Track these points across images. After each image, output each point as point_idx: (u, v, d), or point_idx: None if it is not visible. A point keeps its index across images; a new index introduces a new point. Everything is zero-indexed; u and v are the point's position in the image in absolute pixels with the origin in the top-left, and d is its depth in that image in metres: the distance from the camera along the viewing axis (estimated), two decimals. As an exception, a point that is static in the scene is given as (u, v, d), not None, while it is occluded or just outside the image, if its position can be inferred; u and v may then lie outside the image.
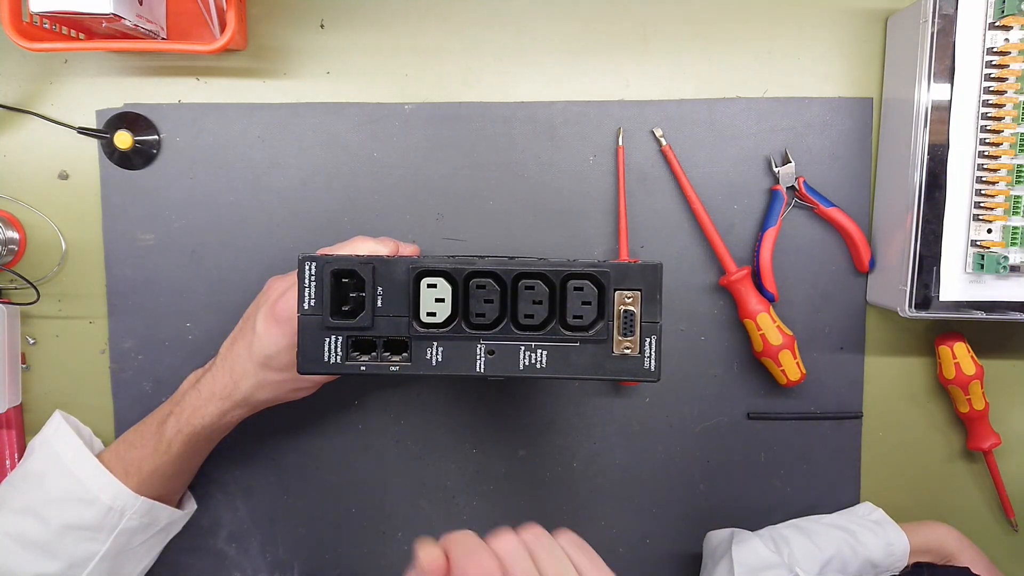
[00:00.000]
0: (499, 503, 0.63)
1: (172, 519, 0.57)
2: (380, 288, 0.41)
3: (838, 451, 0.63)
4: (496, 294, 0.40)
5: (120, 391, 0.61)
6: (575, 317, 0.40)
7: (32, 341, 0.61)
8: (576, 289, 0.40)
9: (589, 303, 0.40)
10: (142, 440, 0.54)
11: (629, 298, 0.41)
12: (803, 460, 0.63)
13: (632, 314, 0.41)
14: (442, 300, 0.40)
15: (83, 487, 0.53)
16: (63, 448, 0.55)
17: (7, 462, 0.61)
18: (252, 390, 0.51)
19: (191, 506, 0.60)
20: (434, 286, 0.40)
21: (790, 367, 0.59)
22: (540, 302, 0.40)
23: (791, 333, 0.59)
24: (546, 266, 0.40)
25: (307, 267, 0.41)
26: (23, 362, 0.61)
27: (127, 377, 0.61)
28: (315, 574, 0.63)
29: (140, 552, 0.56)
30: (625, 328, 0.41)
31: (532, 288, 0.40)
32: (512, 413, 0.62)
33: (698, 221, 0.60)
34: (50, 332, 0.61)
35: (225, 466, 0.62)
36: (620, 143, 0.60)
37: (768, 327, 0.58)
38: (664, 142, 0.60)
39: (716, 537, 0.60)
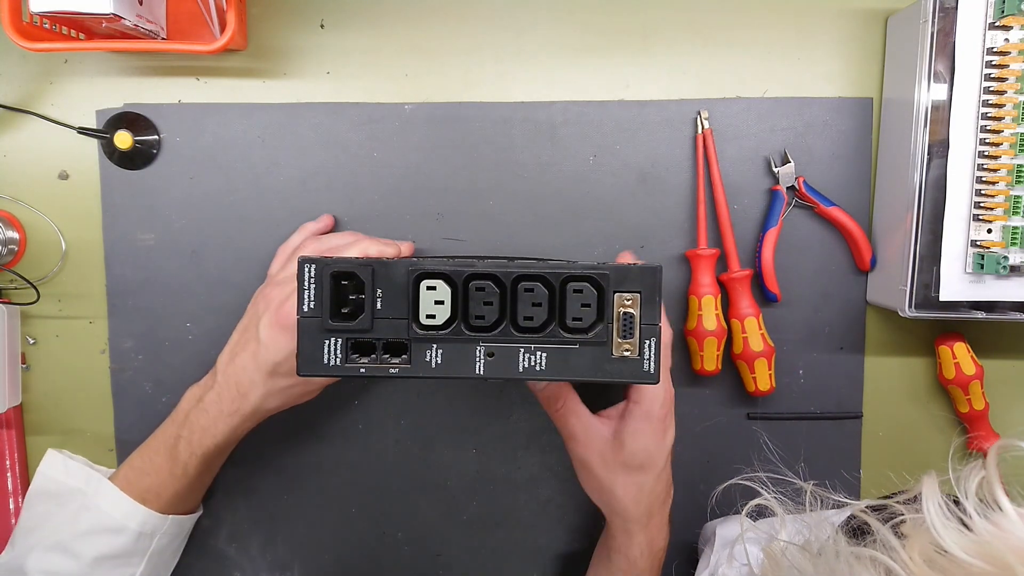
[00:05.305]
0: (499, 503, 0.63)
1: (193, 521, 0.59)
2: (380, 290, 0.41)
3: (838, 451, 0.63)
4: (495, 296, 0.40)
5: (120, 391, 0.61)
6: (574, 319, 0.40)
7: (32, 341, 0.61)
8: (575, 291, 0.40)
9: (588, 305, 0.40)
10: (154, 467, 0.53)
11: (628, 300, 0.41)
12: (803, 460, 0.63)
13: (631, 316, 0.41)
14: (441, 302, 0.40)
15: (109, 517, 0.52)
16: (78, 482, 0.55)
17: (7, 462, 0.61)
18: (261, 400, 0.51)
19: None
20: (433, 288, 0.40)
21: (762, 377, 0.59)
22: (539, 304, 0.40)
23: (772, 345, 0.59)
24: (545, 268, 0.40)
25: (306, 269, 0.40)
26: (23, 362, 0.61)
27: (127, 377, 0.61)
28: (315, 574, 0.63)
29: (169, 559, 0.58)
30: (624, 330, 0.41)
31: (531, 290, 0.40)
32: (512, 413, 0.62)
33: (716, 213, 0.60)
34: (50, 332, 0.61)
35: (225, 466, 0.61)
36: (700, 130, 0.59)
37: (753, 332, 0.59)
38: (707, 125, 0.59)
39: (710, 527, 0.60)
